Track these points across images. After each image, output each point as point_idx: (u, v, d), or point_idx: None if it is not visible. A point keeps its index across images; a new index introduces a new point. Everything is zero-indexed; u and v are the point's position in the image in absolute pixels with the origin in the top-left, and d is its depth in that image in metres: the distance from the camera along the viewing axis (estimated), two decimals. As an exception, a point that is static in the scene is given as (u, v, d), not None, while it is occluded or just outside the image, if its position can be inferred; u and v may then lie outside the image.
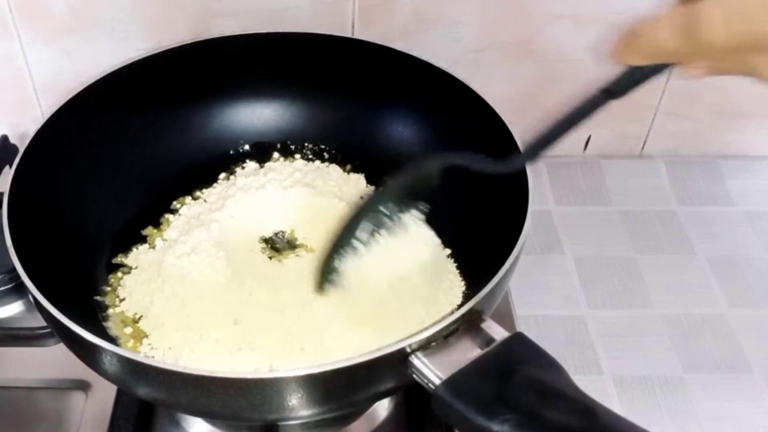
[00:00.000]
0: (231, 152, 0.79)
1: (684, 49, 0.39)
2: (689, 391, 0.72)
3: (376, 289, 0.63)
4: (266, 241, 0.71)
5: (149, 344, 0.63)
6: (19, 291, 0.73)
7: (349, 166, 0.78)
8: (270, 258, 0.69)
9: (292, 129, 0.79)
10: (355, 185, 0.76)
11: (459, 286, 0.67)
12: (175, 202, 0.75)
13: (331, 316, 0.61)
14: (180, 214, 0.73)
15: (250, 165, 0.78)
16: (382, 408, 0.68)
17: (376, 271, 0.63)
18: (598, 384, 0.73)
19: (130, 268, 0.69)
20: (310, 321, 0.61)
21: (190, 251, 0.67)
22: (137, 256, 0.70)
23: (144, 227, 0.73)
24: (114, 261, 0.70)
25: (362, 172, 0.77)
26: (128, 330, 0.64)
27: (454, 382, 0.49)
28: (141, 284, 0.67)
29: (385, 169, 0.75)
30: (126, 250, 0.71)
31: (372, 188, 0.75)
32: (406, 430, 0.67)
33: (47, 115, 0.66)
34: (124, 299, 0.67)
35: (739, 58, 0.38)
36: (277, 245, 0.71)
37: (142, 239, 0.72)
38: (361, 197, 0.72)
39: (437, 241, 0.70)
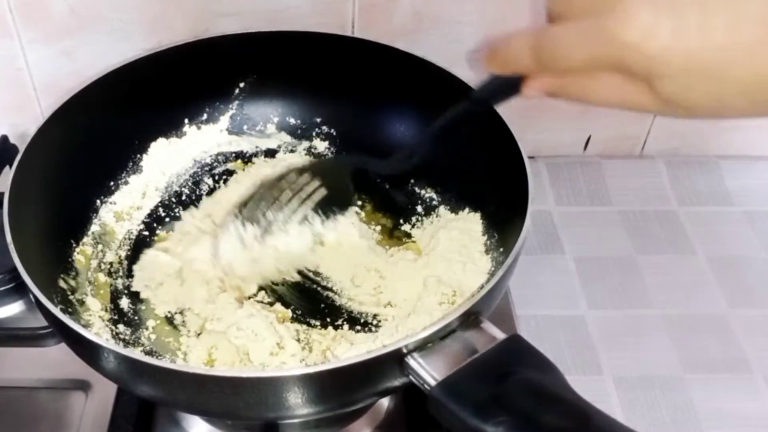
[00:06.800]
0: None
1: (531, 65, 0.44)
2: (689, 391, 0.72)
3: None
4: None
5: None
6: (20, 291, 0.73)
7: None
8: None
9: (291, 127, 0.79)
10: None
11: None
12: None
13: None
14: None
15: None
16: (382, 408, 0.68)
17: None
18: (598, 384, 0.73)
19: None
20: None
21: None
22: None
23: (144, 227, 0.73)
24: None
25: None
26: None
27: (449, 384, 0.49)
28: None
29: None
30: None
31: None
32: (406, 430, 0.67)
33: (47, 115, 0.66)
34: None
35: (575, 80, 0.43)
36: None
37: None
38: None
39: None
